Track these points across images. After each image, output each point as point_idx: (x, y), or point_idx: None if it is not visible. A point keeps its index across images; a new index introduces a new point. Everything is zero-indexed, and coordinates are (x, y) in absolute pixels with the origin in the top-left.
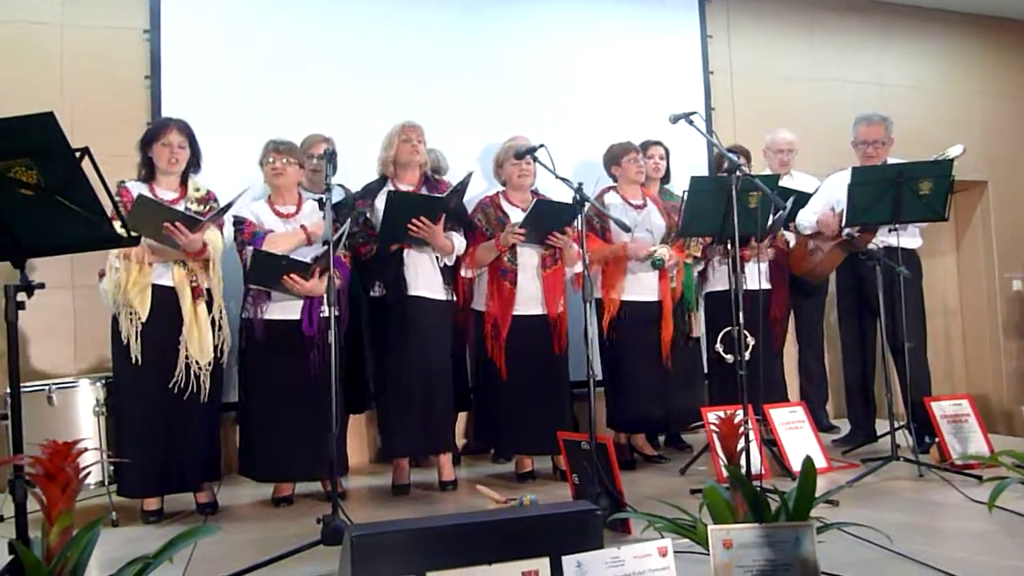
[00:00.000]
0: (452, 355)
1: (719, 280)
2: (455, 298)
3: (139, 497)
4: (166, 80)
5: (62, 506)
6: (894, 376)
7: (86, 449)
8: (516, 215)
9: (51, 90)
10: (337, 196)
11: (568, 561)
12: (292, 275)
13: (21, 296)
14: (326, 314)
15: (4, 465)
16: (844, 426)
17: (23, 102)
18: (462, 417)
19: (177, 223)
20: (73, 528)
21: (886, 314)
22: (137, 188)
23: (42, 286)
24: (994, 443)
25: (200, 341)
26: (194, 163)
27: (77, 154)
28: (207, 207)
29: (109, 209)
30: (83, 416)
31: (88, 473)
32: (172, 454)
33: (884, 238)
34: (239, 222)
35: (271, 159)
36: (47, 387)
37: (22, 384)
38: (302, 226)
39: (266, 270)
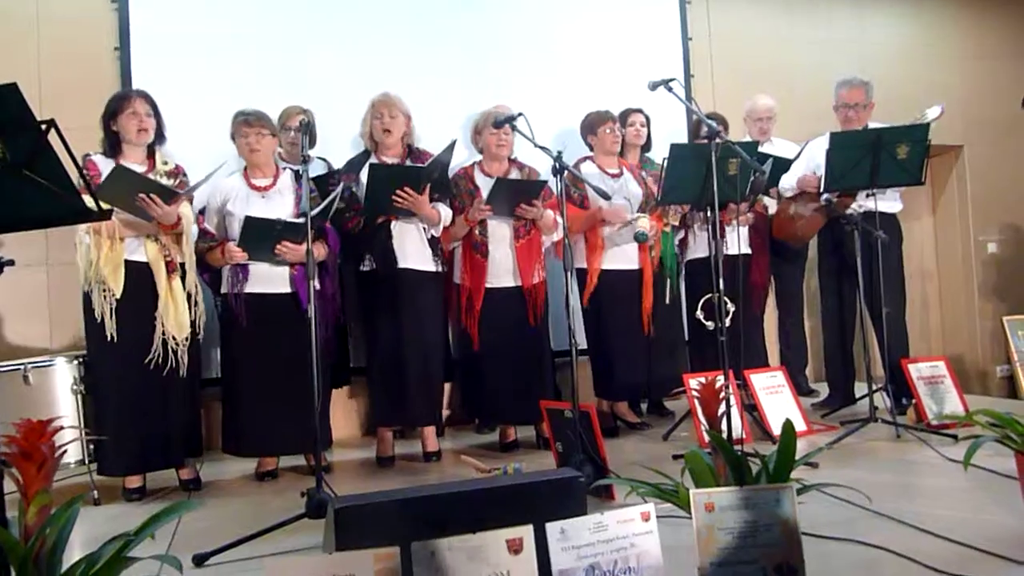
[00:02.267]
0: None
1: (700, 247)
2: (444, 268)
3: (121, 475)
4: (135, 51)
5: (39, 485)
6: (873, 339)
7: (62, 427)
8: (488, 187)
9: (28, 61)
10: (318, 169)
11: (552, 528)
12: (285, 242)
13: None
14: (319, 287)
15: None
16: (823, 390)
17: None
18: (445, 388)
19: (152, 194)
20: (51, 507)
21: (864, 278)
22: (103, 162)
23: (12, 263)
24: (969, 403)
25: (176, 316)
26: (159, 134)
27: (43, 127)
28: (177, 180)
29: (78, 182)
30: (60, 395)
31: (64, 451)
32: (152, 431)
33: (863, 202)
34: None
35: (244, 133)
36: (22, 366)
37: None
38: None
39: (259, 237)
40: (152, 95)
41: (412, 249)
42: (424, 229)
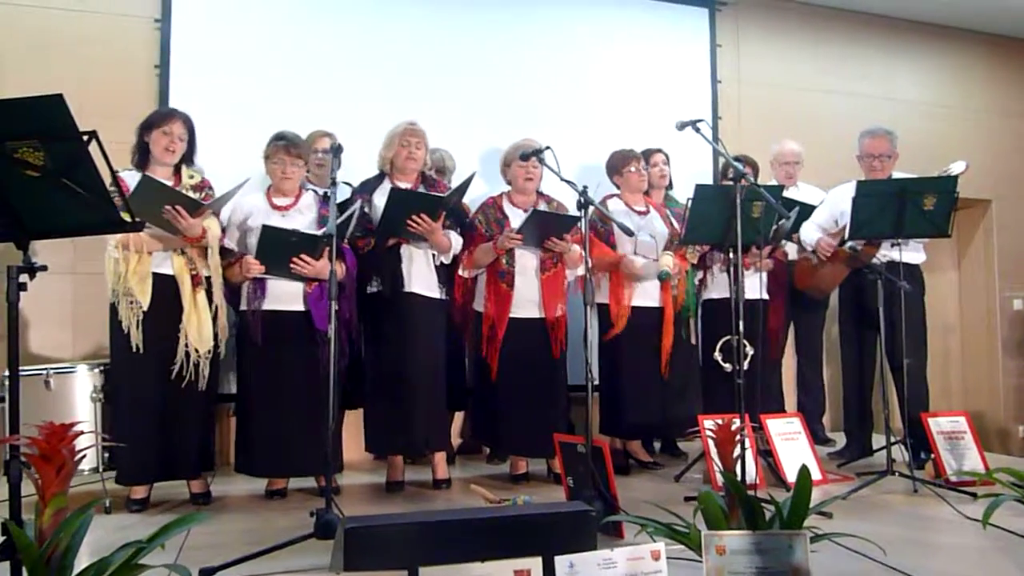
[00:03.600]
0: (450, 354)
1: (717, 288)
2: (448, 297)
3: (135, 484)
4: (174, 69)
5: (56, 488)
6: (892, 391)
7: (82, 432)
8: (516, 218)
9: (68, 76)
10: (343, 193)
11: (561, 561)
12: (301, 257)
13: (23, 277)
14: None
15: (1, 445)
16: (840, 439)
17: (40, 87)
18: (458, 416)
19: (178, 206)
20: (67, 511)
21: (886, 329)
22: (131, 177)
23: (44, 268)
24: (989, 461)
25: (200, 329)
26: (188, 157)
27: (85, 137)
28: (203, 194)
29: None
30: (80, 401)
31: (83, 456)
32: (168, 442)
33: (887, 252)
34: None
35: (281, 160)
36: (45, 371)
37: (20, 368)
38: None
39: (275, 248)
40: (190, 115)
41: (419, 274)
42: (433, 256)
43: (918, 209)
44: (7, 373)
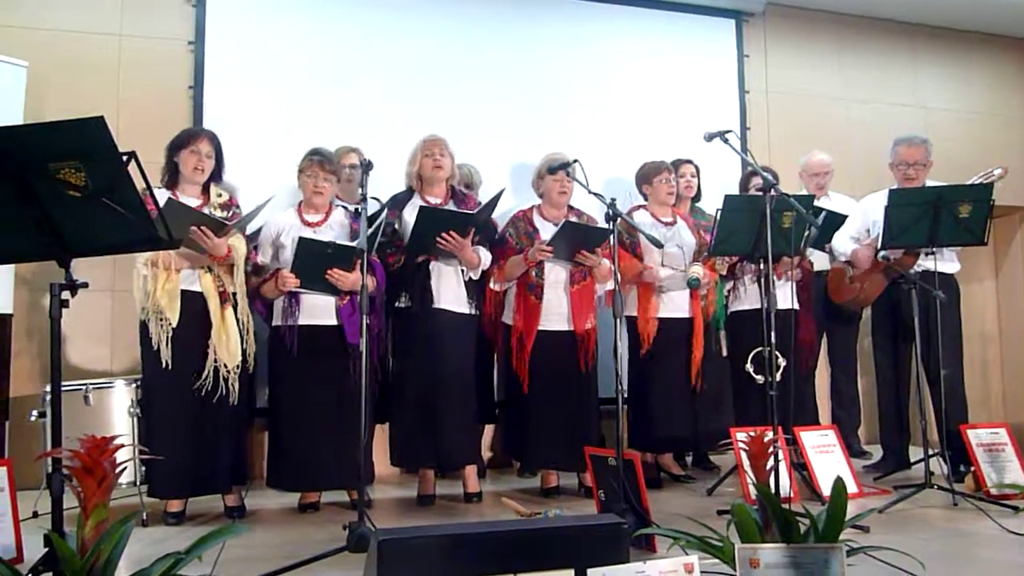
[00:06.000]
0: (479, 368)
1: (746, 299)
2: (478, 312)
3: (169, 498)
4: (208, 90)
5: (98, 499)
6: (929, 402)
7: (122, 445)
8: (547, 231)
9: (106, 99)
10: (372, 208)
11: (594, 573)
12: (336, 269)
13: (65, 295)
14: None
15: (44, 458)
16: (876, 452)
17: (79, 109)
18: (488, 430)
19: (203, 226)
20: (107, 522)
21: (922, 339)
22: (160, 196)
23: (86, 285)
24: None
25: (228, 345)
26: (217, 174)
27: (124, 158)
28: (230, 212)
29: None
30: (118, 416)
31: (124, 468)
32: (201, 457)
33: (921, 262)
34: None
35: (315, 175)
36: (84, 387)
37: (61, 383)
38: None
39: (311, 260)
40: (218, 134)
41: (449, 290)
42: (462, 271)
43: (953, 217)
44: (48, 388)
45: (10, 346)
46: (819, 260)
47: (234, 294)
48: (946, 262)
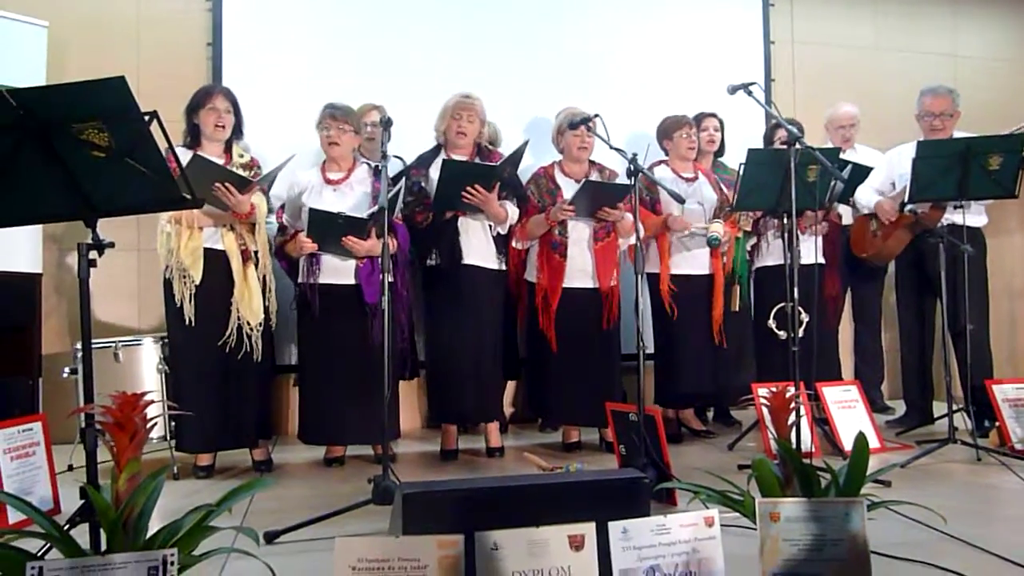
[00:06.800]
0: (503, 325)
1: (771, 255)
2: (506, 268)
3: (198, 452)
4: (227, 48)
5: (130, 454)
6: (953, 357)
7: (153, 401)
8: (569, 188)
9: (126, 58)
10: (395, 166)
11: (614, 527)
12: (350, 237)
13: (92, 254)
14: (391, 279)
15: (78, 414)
16: (900, 407)
17: (99, 70)
18: (510, 386)
19: (227, 183)
20: (140, 475)
21: (947, 294)
22: (183, 153)
23: (112, 245)
24: None
25: (251, 303)
26: (237, 130)
27: (146, 118)
28: (252, 172)
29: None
30: (147, 372)
31: (155, 424)
32: (228, 412)
33: (948, 215)
34: None
35: (327, 126)
36: (114, 344)
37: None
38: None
39: (325, 229)
40: (235, 91)
41: (477, 246)
42: (490, 227)
43: (983, 169)
44: (79, 346)
45: (40, 305)
46: (846, 215)
47: (256, 252)
48: (973, 215)
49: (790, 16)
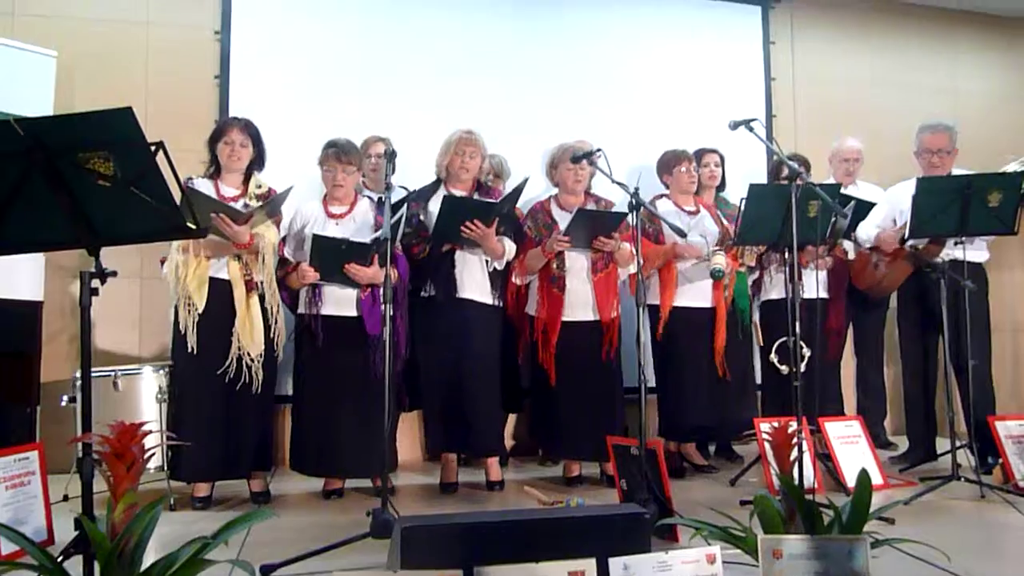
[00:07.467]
0: (505, 357)
1: (775, 288)
2: (501, 303)
3: (194, 481)
4: (234, 79)
5: (127, 484)
6: (956, 393)
7: (151, 431)
8: (565, 221)
9: (134, 87)
10: (397, 196)
11: (615, 563)
12: (353, 264)
13: (95, 283)
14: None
15: (75, 443)
16: (902, 443)
17: (108, 98)
18: (511, 419)
19: (222, 214)
20: (137, 506)
21: (950, 329)
22: (202, 184)
23: (115, 273)
24: None
25: (252, 333)
26: (258, 161)
27: (152, 148)
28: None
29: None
30: (146, 402)
31: (153, 454)
32: (226, 442)
33: (949, 251)
34: None
35: (333, 168)
36: (113, 372)
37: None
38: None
39: (327, 256)
40: (254, 123)
41: (472, 280)
42: (487, 262)
43: (983, 205)
44: (79, 374)
45: (41, 333)
46: (851, 250)
47: (261, 282)
48: (975, 251)
49: (790, 53)
